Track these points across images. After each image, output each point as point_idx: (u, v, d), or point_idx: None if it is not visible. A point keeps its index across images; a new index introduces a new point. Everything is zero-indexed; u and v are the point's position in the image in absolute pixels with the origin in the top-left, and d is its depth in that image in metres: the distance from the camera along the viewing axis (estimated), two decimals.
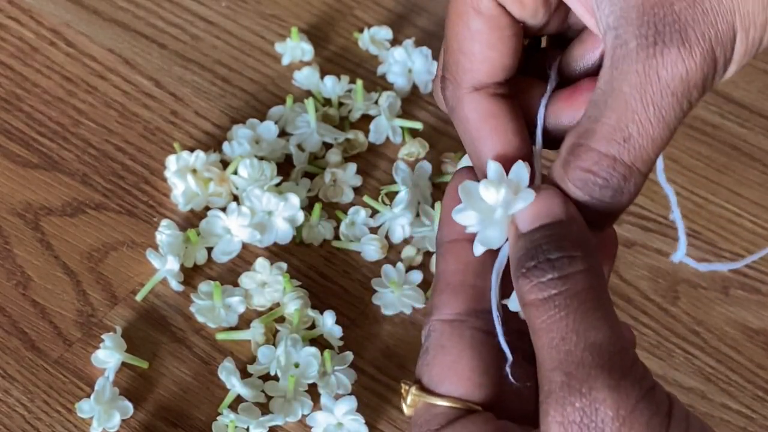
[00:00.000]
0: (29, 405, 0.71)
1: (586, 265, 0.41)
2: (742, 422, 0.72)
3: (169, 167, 0.80)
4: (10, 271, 0.76)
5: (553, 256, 0.41)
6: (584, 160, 0.43)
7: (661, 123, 0.42)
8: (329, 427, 0.70)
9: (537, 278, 0.41)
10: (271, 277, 0.75)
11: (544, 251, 0.41)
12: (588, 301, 0.41)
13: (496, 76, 0.45)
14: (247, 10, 0.90)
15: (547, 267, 0.41)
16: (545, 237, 0.42)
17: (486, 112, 0.45)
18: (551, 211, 0.42)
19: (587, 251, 0.42)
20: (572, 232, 0.42)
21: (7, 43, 0.87)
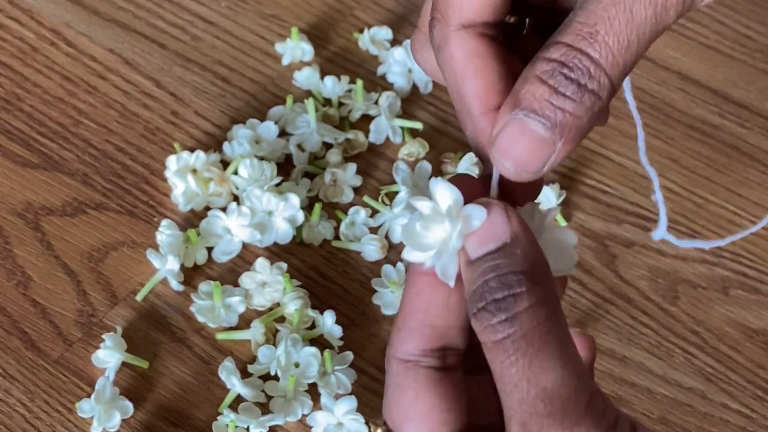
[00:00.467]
0: (30, 405, 0.72)
1: (533, 299, 0.40)
2: (741, 422, 0.72)
3: (170, 167, 0.80)
4: (10, 271, 0.77)
5: (499, 295, 0.40)
6: (552, 52, 0.42)
7: (630, 25, 0.40)
8: (329, 426, 0.70)
9: (487, 321, 0.40)
10: (271, 277, 0.75)
11: (491, 290, 0.40)
12: (536, 341, 0.40)
13: (485, 14, 0.43)
14: (247, 10, 0.90)
15: (494, 309, 0.40)
16: (491, 268, 0.40)
17: (472, 51, 0.43)
18: (496, 233, 0.41)
19: (534, 278, 0.40)
20: (517, 258, 0.40)
21: (8, 44, 0.87)
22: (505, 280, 0.40)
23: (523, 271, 0.40)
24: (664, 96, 0.86)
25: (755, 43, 0.89)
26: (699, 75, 0.87)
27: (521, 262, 0.40)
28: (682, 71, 0.87)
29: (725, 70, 0.87)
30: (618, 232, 0.79)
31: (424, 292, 0.43)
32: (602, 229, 0.80)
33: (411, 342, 0.44)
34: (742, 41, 0.89)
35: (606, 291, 0.77)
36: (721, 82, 0.86)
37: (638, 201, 0.81)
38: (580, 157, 0.83)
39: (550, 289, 0.41)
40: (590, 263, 0.78)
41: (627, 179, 0.82)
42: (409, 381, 0.44)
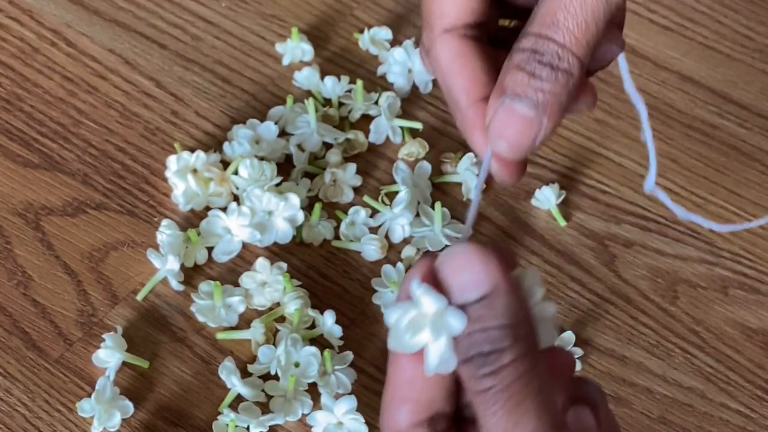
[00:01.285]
0: (30, 404, 0.72)
1: (516, 354, 0.42)
2: (741, 422, 0.72)
3: (170, 167, 0.80)
4: (11, 270, 0.77)
5: (485, 350, 0.42)
6: (524, 42, 0.47)
7: (584, 8, 0.46)
8: (329, 426, 0.70)
9: (473, 372, 0.42)
10: (271, 277, 0.75)
11: (477, 343, 0.42)
12: (516, 394, 0.42)
13: (465, 18, 0.49)
14: (247, 10, 0.90)
15: (480, 361, 0.42)
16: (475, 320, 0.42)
17: (455, 51, 0.49)
18: (476, 282, 0.42)
19: (516, 333, 0.42)
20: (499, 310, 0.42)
21: (8, 44, 0.87)
22: (490, 336, 0.42)
23: (508, 324, 0.42)
24: (663, 96, 0.86)
25: (755, 43, 0.89)
26: (698, 75, 0.87)
27: (504, 314, 0.42)
28: (681, 71, 0.87)
29: (725, 70, 0.87)
30: (617, 231, 0.80)
31: (406, 369, 0.45)
32: (602, 228, 0.80)
33: (399, 416, 0.45)
34: (742, 41, 0.89)
35: (605, 291, 0.77)
36: (720, 82, 0.87)
37: (638, 201, 0.81)
38: (580, 157, 0.83)
39: (531, 342, 0.43)
40: (590, 263, 0.78)
41: (626, 179, 0.82)
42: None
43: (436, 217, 0.78)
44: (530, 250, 0.78)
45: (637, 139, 0.84)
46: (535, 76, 0.46)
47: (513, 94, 0.46)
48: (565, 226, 0.80)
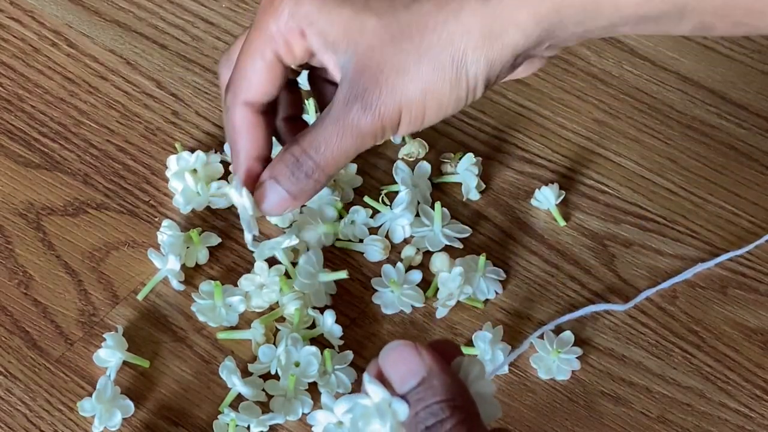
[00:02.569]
0: (31, 404, 0.72)
1: (455, 420, 0.49)
2: (740, 421, 0.72)
3: (170, 167, 0.80)
4: (12, 270, 0.77)
5: (429, 423, 0.49)
6: (294, 150, 0.62)
7: (340, 148, 0.61)
8: (329, 425, 0.70)
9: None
10: (269, 279, 0.75)
11: (422, 419, 0.49)
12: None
13: (261, 98, 0.63)
14: (247, 11, 0.90)
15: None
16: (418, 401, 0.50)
17: (247, 120, 0.63)
18: (413, 370, 0.50)
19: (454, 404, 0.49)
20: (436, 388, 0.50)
21: (9, 44, 0.87)
22: (431, 410, 0.49)
23: (445, 399, 0.49)
24: (662, 96, 0.86)
25: (754, 44, 0.89)
26: (697, 75, 0.87)
27: (441, 391, 0.49)
28: (680, 72, 0.88)
29: (724, 71, 0.88)
30: (617, 231, 0.80)
31: None
32: (601, 228, 0.80)
33: None
34: (741, 42, 0.89)
35: (605, 291, 0.77)
36: (719, 82, 0.87)
37: (637, 201, 0.81)
38: (579, 157, 0.83)
39: (469, 409, 0.50)
40: (589, 263, 0.78)
41: (626, 179, 0.82)
42: None
43: (435, 217, 0.78)
44: (530, 250, 0.79)
45: (637, 139, 0.84)
46: (294, 175, 0.62)
47: (276, 179, 0.62)
48: (564, 226, 0.80)
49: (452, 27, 0.58)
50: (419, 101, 0.60)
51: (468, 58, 0.59)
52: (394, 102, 0.59)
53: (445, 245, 0.78)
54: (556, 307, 0.76)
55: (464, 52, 0.59)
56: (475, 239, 0.79)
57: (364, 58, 0.59)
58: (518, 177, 0.82)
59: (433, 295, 0.76)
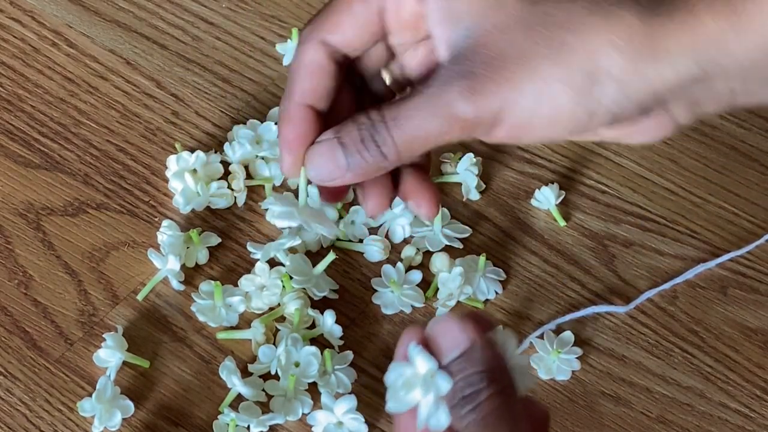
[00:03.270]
0: (31, 404, 0.72)
1: (491, 391, 0.49)
2: (740, 421, 0.72)
3: (170, 167, 0.80)
4: (11, 270, 0.77)
5: (467, 392, 0.49)
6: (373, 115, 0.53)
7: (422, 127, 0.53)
8: (329, 425, 0.70)
9: (458, 413, 0.49)
10: (269, 281, 0.75)
11: (460, 389, 0.49)
12: (492, 422, 0.49)
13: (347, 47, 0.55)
14: (247, 11, 0.90)
15: (463, 403, 0.49)
16: (458, 371, 0.50)
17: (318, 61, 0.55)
18: (458, 342, 0.50)
19: (492, 376, 0.49)
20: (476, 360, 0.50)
21: (9, 44, 0.87)
22: (470, 380, 0.49)
23: (483, 370, 0.49)
24: None
25: None
26: None
27: (481, 363, 0.50)
28: None
29: None
30: (617, 231, 0.80)
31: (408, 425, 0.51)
32: (601, 228, 0.80)
33: None
34: None
35: (605, 291, 0.77)
36: None
37: (637, 201, 0.81)
38: (579, 157, 0.83)
39: (505, 382, 0.50)
40: (589, 263, 0.78)
41: (626, 179, 0.82)
42: None
43: (436, 217, 0.78)
44: (530, 250, 0.79)
45: None
46: (363, 143, 0.53)
47: (340, 140, 0.54)
48: (564, 226, 0.80)
49: (601, 36, 0.50)
50: (530, 108, 0.51)
51: (606, 80, 0.51)
52: (503, 98, 0.51)
53: (445, 245, 0.78)
54: (556, 307, 0.76)
55: (606, 70, 0.51)
56: (475, 239, 0.79)
57: (487, 38, 0.52)
58: (518, 177, 0.82)
59: (433, 296, 0.76)
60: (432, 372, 0.50)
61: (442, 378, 0.50)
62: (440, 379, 0.50)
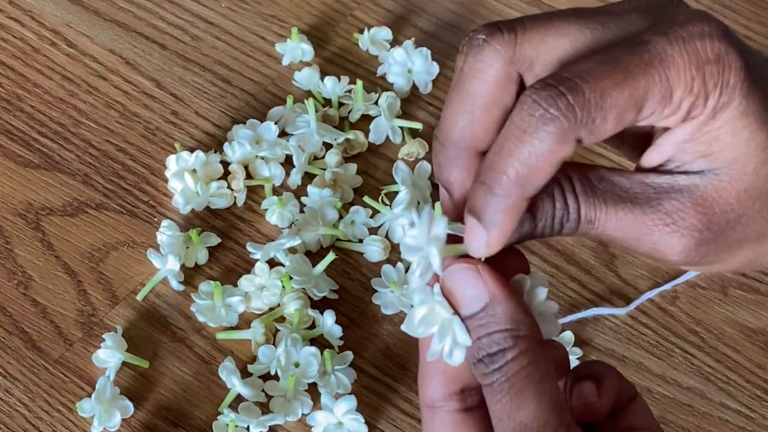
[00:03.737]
0: (30, 404, 0.72)
1: (517, 351, 0.47)
2: (740, 421, 0.72)
3: (169, 167, 0.80)
4: (11, 270, 0.77)
5: (491, 350, 0.47)
6: None
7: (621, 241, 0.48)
8: (329, 426, 0.70)
9: (482, 370, 0.47)
10: (269, 281, 0.75)
11: (484, 346, 0.47)
12: (517, 384, 0.47)
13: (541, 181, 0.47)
14: (247, 10, 0.90)
15: (488, 361, 0.47)
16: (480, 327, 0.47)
17: None
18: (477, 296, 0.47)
19: (516, 333, 0.47)
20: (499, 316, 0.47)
21: (8, 44, 0.87)
22: (493, 338, 0.47)
23: (507, 329, 0.47)
24: None
25: (755, 44, 0.89)
26: None
27: (503, 320, 0.47)
28: None
29: None
30: None
31: None
32: None
33: (432, 389, 0.50)
34: None
35: (605, 291, 0.77)
36: None
37: None
38: (580, 157, 0.83)
39: (531, 340, 0.47)
40: (589, 263, 0.78)
41: None
42: (435, 425, 0.50)
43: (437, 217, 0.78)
44: (530, 250, 0.79)
45: None
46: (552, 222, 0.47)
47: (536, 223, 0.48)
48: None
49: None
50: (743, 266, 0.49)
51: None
52: (719, 259, 0.48)
53: None
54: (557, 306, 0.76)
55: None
56: None
57: (732, 194, 0.47)
58: None
59: None
60: (449, 321, 0.47)
61: (461, 330, 0.47)
62: (459, 330, 0.47)
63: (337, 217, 0.78)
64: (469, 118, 0.48)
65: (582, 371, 0.51)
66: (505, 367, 0.47)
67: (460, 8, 0.90)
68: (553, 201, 0.47)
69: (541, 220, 0.47)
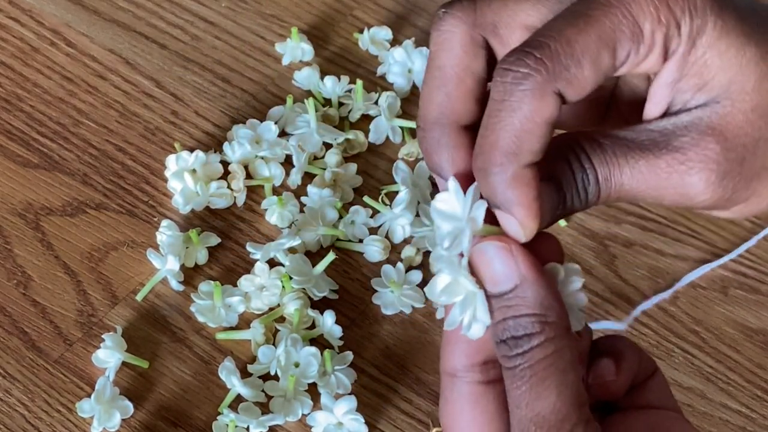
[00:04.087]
0: (30, 405, 0.72)
1: (543, 338, 0.45)
2: (741, 422, 0.72)
3: (169, 167, 0.80)
4: (10, 271, 0.77)
5: (517, 333, 0.45)
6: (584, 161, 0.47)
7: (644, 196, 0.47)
8: (329, 426, 0.70)
9: (505, 352, 0.46)
10: (269, 281, 0.75)
11: (509, 328, 0.46)
12: (540, 372, 0.45)
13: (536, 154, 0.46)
14: (247, 10, 0.90)
15: (512, 343, 0.46)
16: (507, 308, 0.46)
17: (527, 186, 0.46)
18: (507, 275, 0.46)
19: (544, 320, 0.45)
20: (528, 300, 0.45)
21: (8, 44, 0.87)
22: (520, 322, 0.45)
23: (535, 313, 0.45)
24: None
25: None
26: None
27: (533, 304, 0.45)
28: None
29: None
30: (617, 231, 0.79)
31: None
32: (602, 228, 0.80)
33: (454, 358, 0.48)
34: None
35: (605, 291, 0.77)
36: None
37: None
38: None
39: (559, 327, 0.46)
40: (590, 263, 0.78)
41: None
42: (454, 395, 0.48)
43: None
44: None
45: None
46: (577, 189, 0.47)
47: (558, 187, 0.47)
48: (565, 226, 0.80)
49: None
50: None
51: None
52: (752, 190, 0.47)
53: None
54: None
55: None
56: None
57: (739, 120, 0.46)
58: None
59: None
60: (474, 294, 0.46)
61: (483, 308, 0.46)
62: (481, 308, 0.46)
63: (337, 217, 0.78)
64: (444, 92, 0.49)
65: (601, 346, 0.50)
66: (530, 353, 0.45)
67: None
68: (571, 166, 0.46)
69: (567, 190, 0.46)
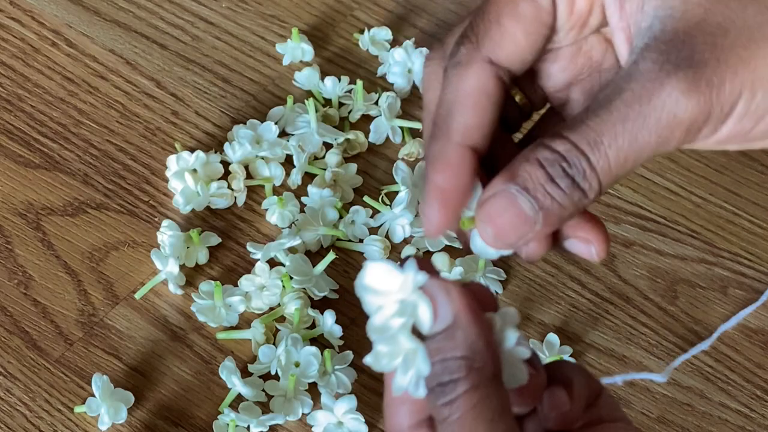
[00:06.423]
0: (31, 404, 0.72)
1: (468, 384, 0.43)
2: (740, 421, 0.72)
3: (170, 167, 0.80)
4: (11, 270, 0.77)
5: (443, 380, 0.43)
6: (557, 144, 0.44)
7: (632, 146, 0.43)
8: (329, 425, 0.70)
9: (434, 401, 0.43)
10: (269, 281, 0.75)
11: (436, 374, 0.43)
12: (467, 424, 0.43)
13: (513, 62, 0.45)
14: (247, 10, 0.90)
15: (439, 391, 0.43)
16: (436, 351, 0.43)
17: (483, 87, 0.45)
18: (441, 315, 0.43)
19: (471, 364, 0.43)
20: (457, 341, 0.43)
21: (9, 44, 0.87)
22: (447, 365, 0.43)
23: (463, 356, 0.43)
24: None
25: None
26: None
27: (461, 346, 0.43)
28: None
29: None
30: (617, 231, 0.80)
31: None
32: None
33: (397, 418, 0.46)
34: None
35: (605, 291, 0.77)
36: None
37: (637, 201, 0.81)
38: None
39: (485, 372, 0.43)
40: (589, 263, 0.78)
41: (626, 179, 0.82)
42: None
43: None
44: None
45: None
46: (552, 182, 0.43)
47: (522, 185, 0.43)
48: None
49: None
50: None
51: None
52: (738, 78, 0.42)
53: (445, 245, 0.78)
54: (556, 307, 0.76)
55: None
56: None
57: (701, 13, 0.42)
58: None
59: None
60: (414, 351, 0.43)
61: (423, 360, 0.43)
62: (422, 361, 0.43)
63: (337, 217, 0.79)
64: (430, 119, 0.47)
65: (552, 373, 0.47)
66: (456, 403, 0.43)
67: (460, 8, 0.90)
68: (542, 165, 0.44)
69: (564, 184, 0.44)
